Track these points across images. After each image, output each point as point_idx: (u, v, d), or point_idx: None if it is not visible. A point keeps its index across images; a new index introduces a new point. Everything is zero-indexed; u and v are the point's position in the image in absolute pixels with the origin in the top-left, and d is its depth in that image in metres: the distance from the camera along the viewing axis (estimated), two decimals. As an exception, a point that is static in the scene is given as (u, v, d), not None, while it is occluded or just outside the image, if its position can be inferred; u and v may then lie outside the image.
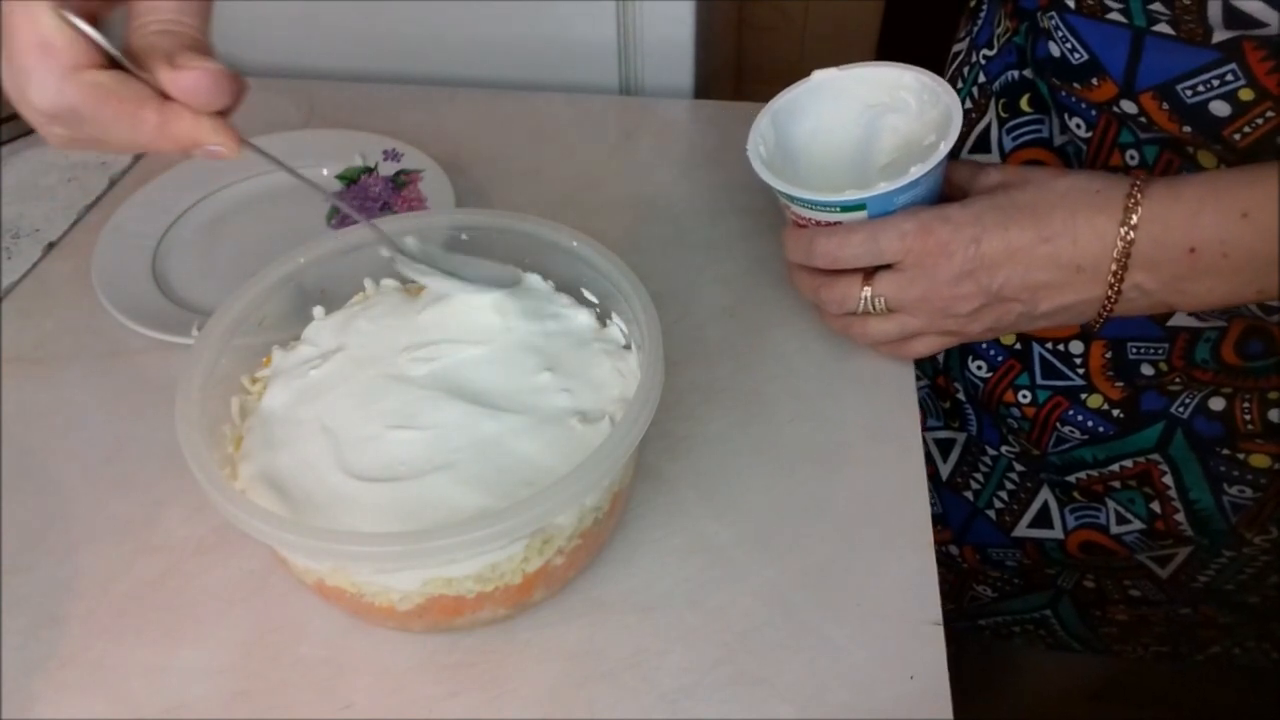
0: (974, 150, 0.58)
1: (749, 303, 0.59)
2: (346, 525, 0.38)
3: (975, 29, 0.61)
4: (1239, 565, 0.60)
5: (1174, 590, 0.63)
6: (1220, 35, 0.43)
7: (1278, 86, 0.43)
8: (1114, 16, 0.46)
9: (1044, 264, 0.45)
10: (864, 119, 0.53)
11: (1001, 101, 0.57)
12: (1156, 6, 0.44)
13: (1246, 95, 0.43)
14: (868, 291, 0.49)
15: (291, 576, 0.43)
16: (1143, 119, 0.48)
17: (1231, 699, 0.77)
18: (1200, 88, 0.45)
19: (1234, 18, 0.41)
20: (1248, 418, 0.54)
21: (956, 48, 0.64)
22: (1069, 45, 0.49)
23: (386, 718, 0.40)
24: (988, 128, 0.58)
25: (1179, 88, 0.45)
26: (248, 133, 0.78)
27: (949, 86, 0.49)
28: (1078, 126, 0.52)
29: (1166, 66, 0.45)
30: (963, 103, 0.60)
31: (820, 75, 0.52)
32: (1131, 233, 0.43)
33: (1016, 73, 0.56)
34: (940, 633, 0.42)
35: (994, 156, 0.57)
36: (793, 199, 0.48)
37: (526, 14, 0.78)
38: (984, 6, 0.61)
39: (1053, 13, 0.49)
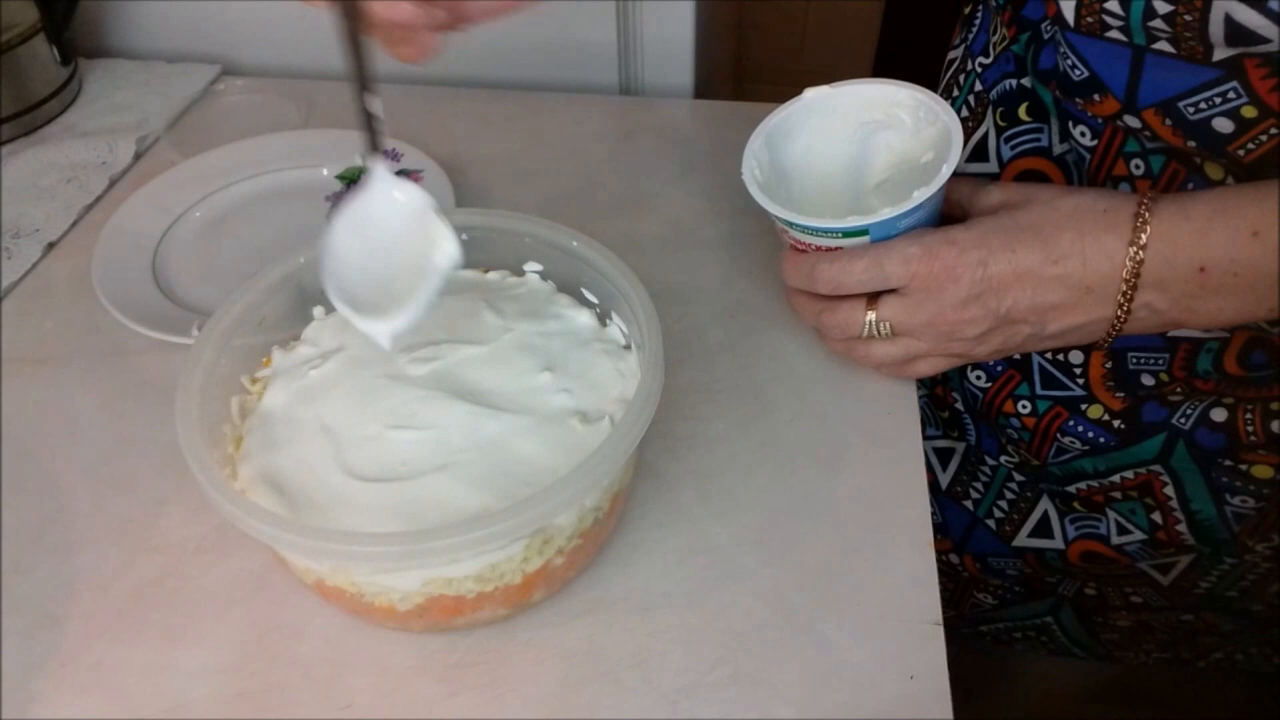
0: (971, 159, 0.58)
1: (749, 303, 0.59)
2: (346, 525, 0.38)
3: (970, 37, 0.60)
4: (1241, 572, 0.60)
5: (1175, 597, 0.63)
6: (1221, 53, 0.42)
7: None
8: (1114, 35, 0.45)
9: (1053, 285, 0.44)
10: (857, 136, 0.52)
11: (999, 110, 0.56)
12: (1156, 24, 0.43)
13: (1249, 112, 0.43)
14: (872, 316, 0.48)
15: (291, 576, 0.43)
16: (1147, 133, 0.47)
17: (1234, 703, 0.77)
18: (1202, 105, 0.44)
19: (1235, 34, 0.41)
20: (1250, 428, 0.53)
21: (951, 55, 0.63)
22: (1070, 62, 0.48)
23: (386, 718, 0.40)
24: (985, 137, 0.57)
25: (1181, 105, 0.45)
26: (248, 133, 0.78)
27: (948, 105, 0.48)
28: (1083, 135, 0.51)
29: (1168, 84, 0.45)
30: (959, 111, 0.59)
31: (812, 93, 0.51)
32: (1140, 252, 0.42)
33: (1014, 81, 0.55)
34: (940, 633, 0.42)
35: (991, 165, 0.57)
36: (792, 225, 0.48)
37: (526, 14, 0.77)
38: (978, 14, 0.60)
39: (1055, 27, 0.49)
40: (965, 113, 0.59)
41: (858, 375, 0.54)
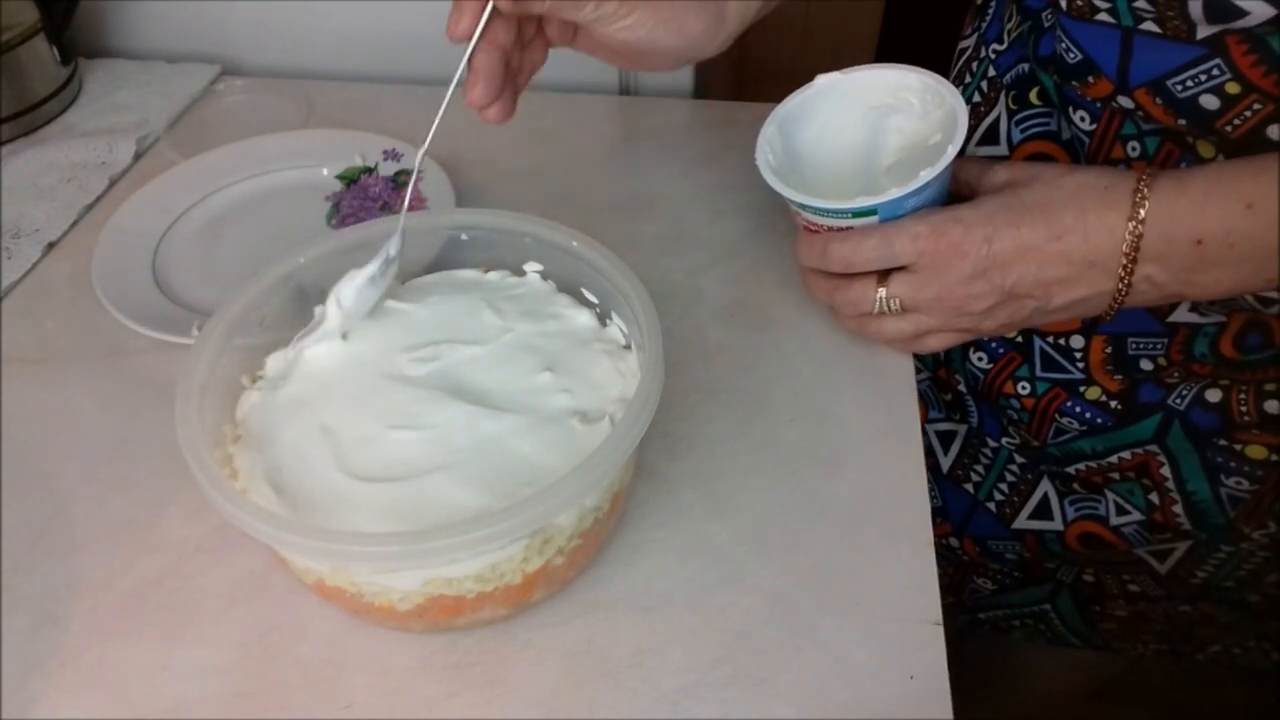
0: (982, 142, 0.59)
1: (749, 303, 0.59)
2: (346, 525, 0.38)
3: (983, 25, 0.62)
4: (1237, 561, 0.60)
5: (1173, 586, 0.64)
6: (1204, 31, 0.44)
7: (1262, 79, 0.44)
8: (1103, 17, 0.47)
9: (1056, 261, 0.45)
10: (868, 120, 0.53)
11: (1011, 94, 0.57)
12: (1141, 4, 0.45)
13: (1233, 89, 0.44)
14: (882, 293, 0.49)
15: (291, 576, 0.43)
16: (1140, 113, 0.49)
17: (1233, 702, 0.77)
18: (1189, 83, 0.46)
19: (1216, 11, 0.42)
20: (1244, 409, 0.54)
21: (963, 44, 0.65)
22: (1064, 45, 0.50)
23: (386, 718, 0.40)
24: (996, 120, 0.58)
25: (1169, 83, 0.46)
26: (248, 133, 0.78)
27: (953, 87, 0.49)
28: (1081, 119, 0.52)
29: (1156, 63, 0.46)
30: (971, 97, 0.61)
31: (823, 80, 0.53)
32: (1140, 227, 0.43)
33: (1027, 66, 0.56)
34: (940, 633, 0.42)
35: (1002, 148, 0.58)
36: (804, 207, 0.49)
37: (526, 14, 0.78)
38: (991, 3, 0.61)
39: (1050, 11, 0.50)
40: (978, 98, 0.60)
41: (857, 375, 0.54)
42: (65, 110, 0.77)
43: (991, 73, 0.59)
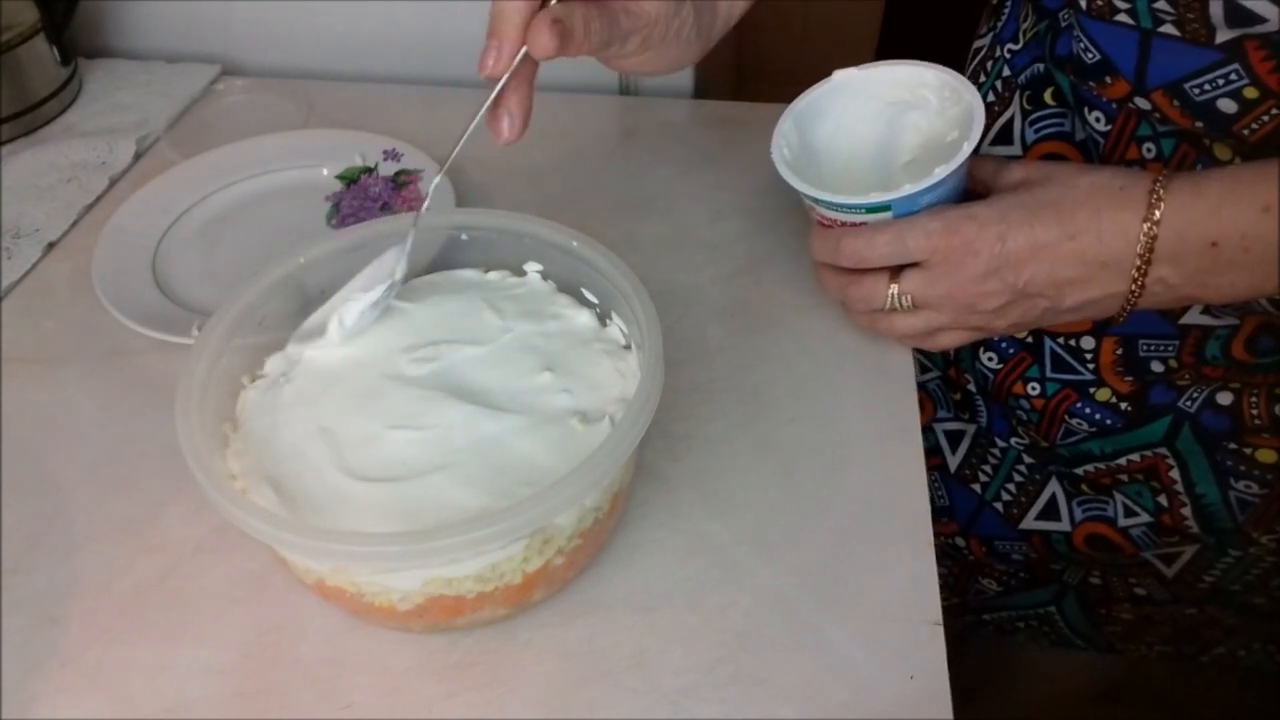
0: (996, 142, 0.59)
1: (749, 303, 0.59)
2: (346, 525, 0.38)
3: (999, 25, 0.62)
4: (1245, 565, 0.60)
5: (1179, 590, 0.63)
6: (1223, 35, 0.44)
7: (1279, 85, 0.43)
8: (1122, 18, 0.47)
9: (1069, 260, 0.45)
10: (885, 117, 0.53)
11: (1026, 94, 0.57)
12: (1161, 6, 0.45)
13: (1251, 93, 0.44)
14: (894, 289, 0.49)
15: (291, 576, 0.43)
16: (1157, 115, 0.49)
17: (1236, 703, 0.77)
18: (1206, 86, 0.45)
19: (1235, 15, 0.42)
20: (1255, 412, 0.54)
21: (978, 44, 0.65)
22: (1082, 45, 0.50)
23: (386, 718, 0.40)
24: (1010, 120, 0.58)
25: (1186, 86, 0.46)
26: (248, 133, 0.78)
27: (970, 84, 0.49)
28: (1097, 120, 0.52)
29: (1174, 66, 0.46)
30: (986, 97, 0.61)
31: (841, 75, 0.52)
32: (1154, 228, 0.43)
33: (1042, 66, 0.56)
34: (940, 633, 0.42)
35: (1015, 148, 0.58)
36: (818, 201, 0.49)
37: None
38: (1007, 3, 0.61)
39: (1068, 11, 0.50)
40: (992, 98, 0.60)
41: (858, 375, 0.54)
42: (65, 110, 0.77)
43: (1006, 72, 0.59)
